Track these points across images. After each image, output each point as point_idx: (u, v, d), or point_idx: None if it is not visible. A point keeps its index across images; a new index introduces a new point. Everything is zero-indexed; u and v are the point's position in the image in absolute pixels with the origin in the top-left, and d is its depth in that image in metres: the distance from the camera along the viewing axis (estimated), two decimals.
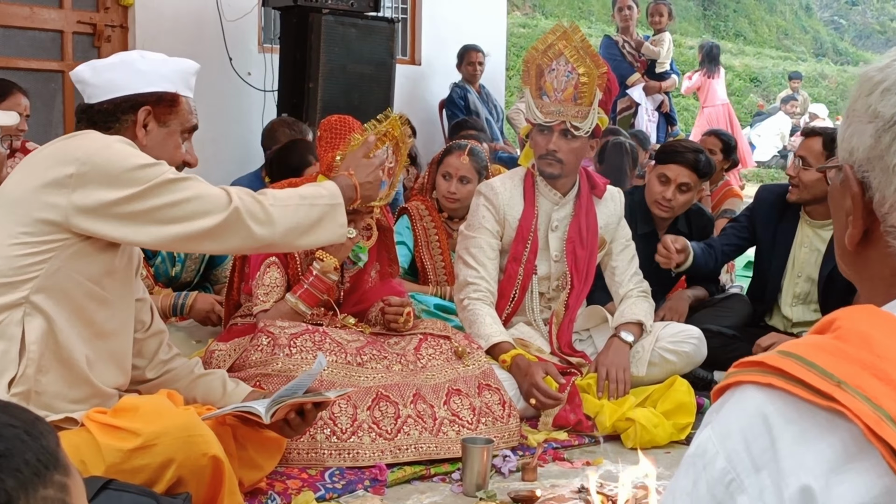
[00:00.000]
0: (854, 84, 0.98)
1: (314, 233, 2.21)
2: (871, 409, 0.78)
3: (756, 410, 0.83)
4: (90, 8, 5.52)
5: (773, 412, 0.82)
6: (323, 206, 2.21)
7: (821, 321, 0.91)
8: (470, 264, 3.27)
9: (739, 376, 0.87)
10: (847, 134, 0.95)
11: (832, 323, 0.89)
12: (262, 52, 6.02)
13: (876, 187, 0.91)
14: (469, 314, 3.21)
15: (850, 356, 0.83)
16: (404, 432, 2.72)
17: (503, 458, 2.75)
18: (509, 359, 3.06)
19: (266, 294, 2.97)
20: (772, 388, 0.83)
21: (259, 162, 5.86)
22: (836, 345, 0.85)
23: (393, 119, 2.90)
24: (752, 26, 19.37)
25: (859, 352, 0.83)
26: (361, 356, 2.86)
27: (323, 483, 2.53)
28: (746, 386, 0.86)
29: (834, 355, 0.84)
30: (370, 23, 5.72)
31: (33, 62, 5.32)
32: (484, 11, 7.53)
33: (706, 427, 0.87)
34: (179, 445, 1.94)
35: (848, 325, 0.87)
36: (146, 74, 2.16)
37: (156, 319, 2.39)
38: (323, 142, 2.99)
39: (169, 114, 2.19)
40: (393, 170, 2.98)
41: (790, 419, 0.82)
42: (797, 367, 0.83)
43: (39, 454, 0.78)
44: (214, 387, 2.35)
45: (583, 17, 16.74)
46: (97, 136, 2.08)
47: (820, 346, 0.85)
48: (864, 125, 0.93)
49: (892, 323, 0.87)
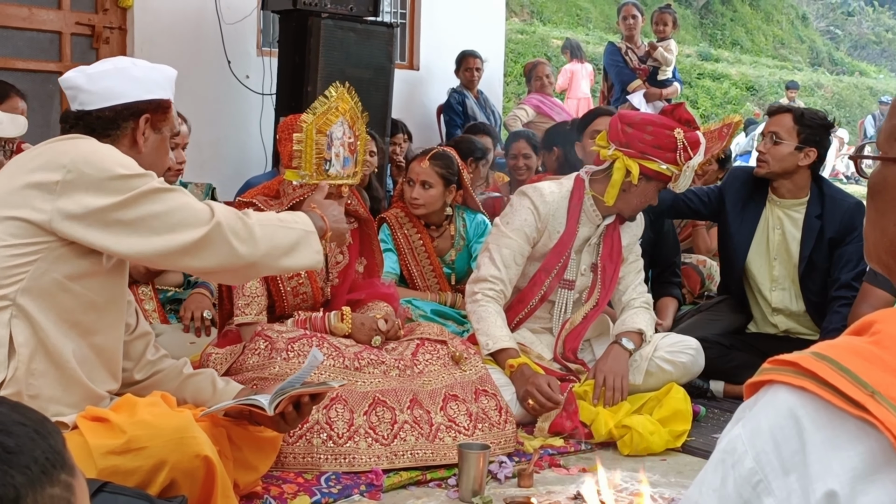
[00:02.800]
0: None
1: (292, 256, 2.20)
2: None
3: (788, 412, 0.82)
4: (89, 9, 5.52)
5: (804, 415, 0.81)
6: (299, 231, 2.22)
7: (860, 322, 0.89)
8: (496, 262, 3.25)
9: (773, 374, 0.86)
10: None
11: (871, 325, 0.87)
12: (261, 55, 6.02)
13: None
14: (480, 309, 3.20)
15: (886, 364, 0.82)
16: (401, 438, 2.71)
17: (499, 464, 2.74)
18: (516, 364, 3.06)
19: (246, 305, 2.97)
20: (804, 391, 0.82)
21: (256, 163, 5.87)
22: (872, 351, 0.83)
23: (341, 92, 2.86)
24: (748, 35, 19.43)
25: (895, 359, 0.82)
26: (359, 360, 2.85)
27: (319, 488, 2.52)
28: (779, 386, 0.84)
29: (870, 361, 0.82)
30: (369, 27, 5.72)
31: (31, 63, 5.31)
32: (482, 17, 7.54)
33: (737, 423, 0.86)
34: (172, 447, 1.93)
35: (888, 329, 0.85)
36: (143, 82, 2.18)
37: (141, 321, 2.40)
38: (281, 140, 3.03)
39: (163, 120, 2.22)
40: (354, 145, 2.93)
41: (821, 424, 0.81)
42: (831, 373, 0.81)
43: (48, 453, 0.78)
44: (204, 387, 2.35)
45: (580, 24, 16.78)
46: (86, 142, 2.08)
47: (856, 351, 0.84)
48: None
49: None
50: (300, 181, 2.87)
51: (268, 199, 3.08)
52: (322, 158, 2.82)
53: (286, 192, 3.07)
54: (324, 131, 2.81)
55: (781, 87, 15.56)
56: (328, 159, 2.83)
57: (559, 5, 17.10)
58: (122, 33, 5.54)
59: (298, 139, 2.79)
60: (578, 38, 15.50)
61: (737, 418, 0.88)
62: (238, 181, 4.92)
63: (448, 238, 3.93)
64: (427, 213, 3.83)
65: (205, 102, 5.71)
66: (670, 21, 7.34)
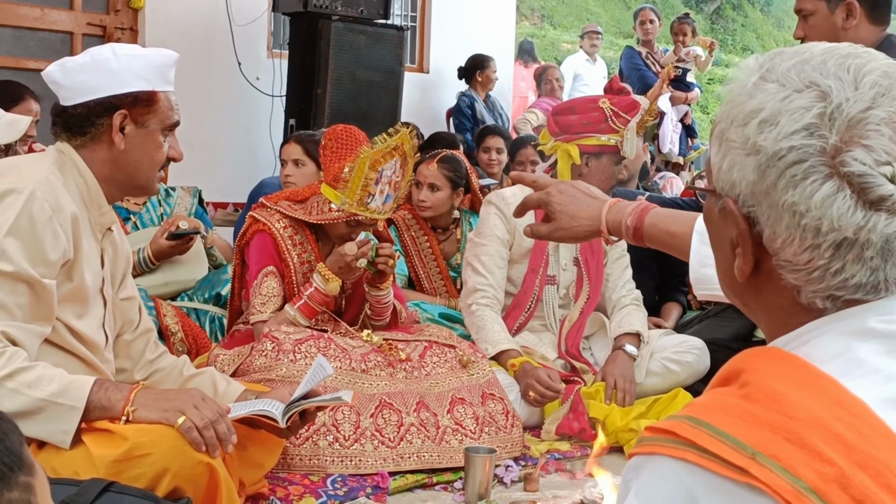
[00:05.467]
0: (722, 106, 0.93)
1: (25, 424, 1.83)
2: (788, 482, 0.76)
3: (679, 485, 0.81)
4: (100, 10, 5.54)
5: (695, 486, 0.80)
6: (39, 401, 1.86)
7: (726, 369, 0.88)
8: (479, 271, 3.31)
9: (653, 446, 0.84)
10: (725, 165, 0.91)
11: (739, 374, 0.86)
12: (271, 57, 6.03)
13: (765, 223, 0.88)
14: (477, 319, 3.24)
15: (760, 420, 0.80)
16: (407, 440, 2.71)
17: (505, 467, 2.74)
18: (518, 363, 3.08)
19: (263, 304, 2.97)
20: (689, 463, 0.81)
21: (266, 165, 5.88)
22: (745, 407, 0.82)
23: (403, 133, 2.89)
24: (759, 41, 19.38)
25: (769, 413, 0.80)
26: (366, 363, 2.85)
27: (325, 489, 2.52)
28: (662, 457, 0.83)
29: (744, 420, 0.80)
30: (379, 30, 5.73)
31: (42, 63, 5.27)
32: (493, 20, 7.54)
33: (632, 492, 0.85)
34: (175, 454, 1.90)
35: (755, 379, 0.84)
36: (119, 74, 2.04)
37: (143, 317, 2.36)
38: (328, 151, 2.97)
39: (147, 114, 2.08)
40: (399, 184, 2.97)
41: (711, 492, 0.79)
42: (709, 439, 0.80)
43: (4, 456, 0.75)
44: (205, 387, 2.30)
45: None
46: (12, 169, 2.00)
47: (729, 410, 0.82)
48: (742, 157, 0.88)
49: (799, 370, 0.84)
50: (340, 206, 2.90)
51: (292, 205, 3.08)
52: (367, 192, 2.85)
53: (320, 207, 3.02)
54: (376, 168, 2.84)
55: None
56: (372, 194, 2.87)
57: (569, 9, 17.09)
58: (133, 34, 5.56)
59: (350, 167, 2.82)
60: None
61: (626, 481, 0.87)
62: (247, 183, 4.92)
63: (455, 241, 3.93)
64: (434, 215, 3.84)
65: (215, 104, 5.73)
66: (689, 31, 7.35)
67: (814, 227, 0.84)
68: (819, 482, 0.75)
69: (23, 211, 1.92)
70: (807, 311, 0.89)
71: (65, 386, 1.89)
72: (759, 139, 0.86)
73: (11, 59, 5.22)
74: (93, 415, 1.91)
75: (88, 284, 2.08)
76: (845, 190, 0.83)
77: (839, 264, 0.85)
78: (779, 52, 0.92)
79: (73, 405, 1.88)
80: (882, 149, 0.83)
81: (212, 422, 1.95)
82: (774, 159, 0.85)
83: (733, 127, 0.89)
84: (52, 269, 1.96)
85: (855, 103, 0.84)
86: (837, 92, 0.84)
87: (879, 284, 0.86)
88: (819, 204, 0.83)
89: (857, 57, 0.87)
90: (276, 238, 3.01)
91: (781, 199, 0.85)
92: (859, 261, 0.85)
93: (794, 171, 0.84)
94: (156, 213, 3.63)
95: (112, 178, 2.11)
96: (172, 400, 1.97)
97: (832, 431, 0.78)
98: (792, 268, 0.88)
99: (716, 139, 0.93)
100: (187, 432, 1.92)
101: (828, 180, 0.83)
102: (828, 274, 0.86)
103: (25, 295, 1.92)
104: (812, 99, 0.85)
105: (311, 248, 3.08)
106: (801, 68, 0.87)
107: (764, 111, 0.86)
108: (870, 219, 0.83)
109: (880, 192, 0.83)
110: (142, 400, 1.95)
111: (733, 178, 0.89)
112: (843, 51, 0.88)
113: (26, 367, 1.87)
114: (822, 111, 0.84)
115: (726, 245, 0.93)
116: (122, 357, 2.30)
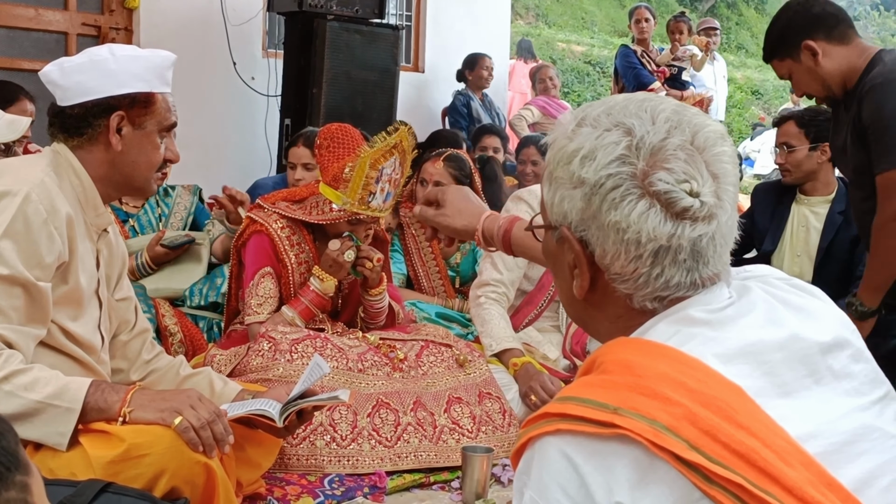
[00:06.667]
0: (549, 152, 1.09)
1: (22, 427, 1.85)
2: (647, 425, 0.90)
3: (559, 455, 0.93)
4: (95, 10, 5.53)
5: (572, 452, 0.92)
6: (36, 404, 1.86)
7: (585, 363, 1.03)
8: (497, 267, 3.31)
9: (530, 433, 0.97)
10: (556, 199, 1.06)
11: (594, 362, 1.01)
12: (267, 56, 6.02)
13: (595, 243, 1.04)
14: (484, 312, 3.24)
15: (617, 384, 0.95)
16: (404, 440, 2.71)
17: (503, 466, 2.74)
18: (520, 363, 3.09)
19: (259, 305, 2.97)
20: (562, 433, 0.93)
21: (261, 165, 5.87)
22: (602, 378, 0.97)
23: (402, 131, 2.90)
24: (753, 39, 19.40)
25: (623, 377, 0.95)
26: (363, 362, 2.85)
27: (322, 489, 2.52)
28: (542, 439, 0.95)
29: (603, 387, 0.95)
30: (374, 30, 5.72)
31: (37, 63, 5.29)
32: (488, 20, 7.54)
33: (525, 490, 0.96)
34: (172, 454, 1.90)
35: (608, 358, 0.99)
36: (117, 75, 2.04)
37: (140, 318, 2.36)
38: (325, 151, 2.97)
39: (144, 115, 2.07)
40: (398, 181, 2.98)
41: (588, 454, 0.91)
42: (576, 407, 0.94)
43: (1, 456, 0.75)
44: (202, 387, 2.30)
45: (585, 28, 16.77)
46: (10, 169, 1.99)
47: (589, 383, 0.97)
48: (570, 191, 1.04)
49: (643, 345, 1.00)
50: (341, 206, 2.90)
51: (290, 206, 3.08)
52: (368, 191, 2.86)
53: (320, 206, 3.02)
54: (377, 167, 2.84)
55: (786, 92, 15.49)
56: (373, 192, 2.88)
57: (564, 8, 17.10)
58: (128, 34, 5.55)
59: (351, 166, 2.83)
60: (584, 41, 15.50)
61: (520, 486, 0.97)
62: (242, 182, 4.91)
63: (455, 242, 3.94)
64: None
65: (210, 103, 5.72)
66: (685, 29, 7.35)
67: (635, 240, 1.00)
68: (672, 420, 0.90)
69: (18, 213, 1.92)
70: (641, 314, 1.05)
71: (61, 388, 1.89)
72: (581, 172, 1.02)
73: (6, 60, 5.21)
74: (90, 416, 1.91)
75: (83, 286, 2.07)
76: (656, 206, 1.00)
77: (659, 269, 1.02)
78: (589, 104, 1.09)
79: (70, 407, 1.88)
80: (680, 170, 1.00)
81: (209, 422, 1.95)
82: (597, 187, 1.01)
83: (560, 166, 1.05)
84: (48, 272, 1.96)
85: (654, 135, 1.01)
86: (639, 127, 1.02)
87: (696, 281, 1.03)
88: (636, 220, 1.00)
89: (652, 100, 1.06)
90: (273, 239, 3.01)
91: (606, 219, 1.01)
92: (675, 264, 1.02)
93: (614, 195, 1.01)
94: (154, 215, 3.63)
95: (108, 179, 2.10)
96: (169, 400, 1.97)
97: (676, 381, 0.93)
98: (622, 279, 1.04)
99: (546, 180, 1.09)
100: (184, 433, 1.91)
101: (641, 199, 1.00)
102: (651, 279, 1.02)
103: (21, 298, 1.92)
104: (620, 135, 1.02)
105: (309, 249, 3.08)
106: (609, 112, 1.05)
107: (583, 149, 1.03)
108: (678, 227, 1.00)
109: (683, 205, 1.00)
110: (138, 401, 1.95)
111: (564, 209, 1.05)
112: (640, 97, 1.07)
113: (22, 369, 1.87)
114: (630, 143, 1.01)
115: (565, 270, 1.09)
116: (118, 358, 2.29)
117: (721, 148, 1.03)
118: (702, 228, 1.01)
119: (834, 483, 0.92)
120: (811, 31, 2.83)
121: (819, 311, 1.06)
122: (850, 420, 0.98)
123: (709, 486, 0.87)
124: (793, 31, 2.86)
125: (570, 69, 14.08)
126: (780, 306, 1.04)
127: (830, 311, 1.08)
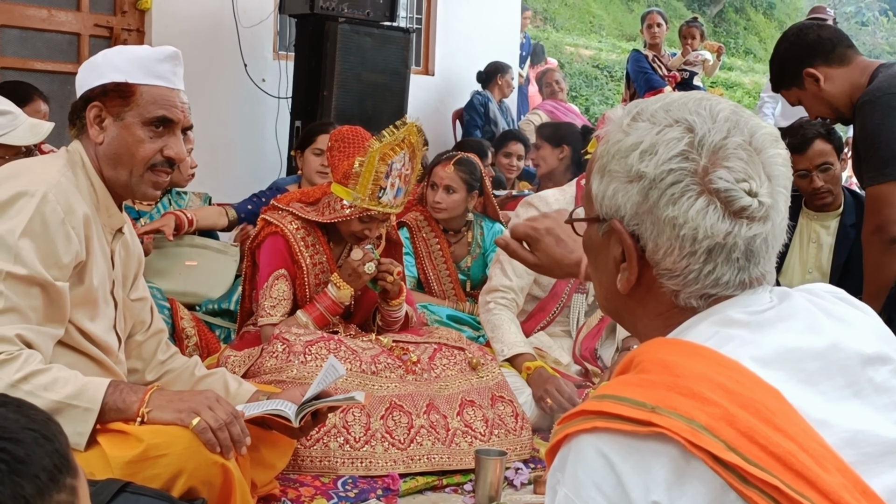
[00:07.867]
0: (600, 146, 1.09)
1: None
2: (685, 424, 0.90)
3: (595, 453, 0.93)
4: (107, 11, 5.54)
5: (609, 450, 0.92)
6: (55, 404, 1.86)
7: (623, 362, 1.03)
8: (507, 273, 3.31)
9: (567, 430, 0.97)
10: (609, 192, 1.07)
11: (632, 361, 1.02)
12: (277, 58, 6.03)
13: (648, 237, 1.04)
14: (494, 318, 3.25)
15: (655, 383, 0.95)
16: (417, 442, 2.71)
17: (515, 470, 2.74)
18: (533, 367, 3.09)
19: (273, 307, 2.97)
20: (599, 431, 0.93)
21: (271, 167, 5.88)
22: (640, 377, 0.98)
23: (410, 126, 2.92)
24: (762, 44, 19.38)
25: (662, 377, 0.95)
26: (376, 365, 2.85)
27: (336, 491, 2.52)
28: (578, 437, 0.95)
29: (641, 386, 0.96)
30: (385, 32, 5.73)
31: (49, 64, 5.33)
32: (498, 23, 7.55)
33: (559, 488, 0.96)
34: (190, 454, 1.90)
35: (646, 357, 1.00)
36: (98, 68, 2.07)
37: (156, 318, 2.37)
38: (336, 151, 2.99)
39: (122, 106, 2.03)
40: (409, 177, 2.99)
41: (625, 453, 0.92)
42: (613, 405, 0.94)
43: (55, 458, 0.77)
44: (217, 388, 2.30)
45: (593, 32, 16.77)
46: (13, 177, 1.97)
47: (627, 382, 0.98)
48: (626, 184, 1.04)
49: (682, 345, 1.01)
50: (352, 202, 2.91)
51: (304, 207, 3.09)
52: (379, 186, 2.87)
53: (332, 206, 3.02)
54: (386, 161, 2.86)
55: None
56: (384, 188, 2.89)
57: (572, 12, 17.10)
58: (139, 35, 5.56)
59: (360, 162, 2.84)
60: (592, 45, 15.50)
61: (554, 482, 0.98)
62: (252, 184, 4.92)
63: (465, 245, 3.94)
64: (448, 217, 3.85)
65: (220, 105, 5.73)
66: (698, 34, 7.36)
67: (691, 237, 1.01)
68: (710, 420, 0.90)
69: (35, 213, 1.92)
70: (682, 312, 1.05)
71: (80, 388, 1.90)
72: (641, 166, 1.03)
73: (19, 60, 5.22)
74: (108, 416, 1.92)
75: (98, 286, 2.08)
76: (714, 203, 1.01)
77: (711, 266, 1.03)
78: (641, 100, 1.10)
79: (89, 407, 1.89)
80: (740, 169, 1.01)
81: (226, 423, 1.95)
82: (656, 182, 1.02)
83: (616, 160, 1.05)
84: (65, 272, 1.97)
85: (715, 133, 1.02)
86: (700, 125, 1.02)
87: (745, 281, 1.04)
88: (694, 216, 1.01)
89: (709, 99, 1.06)
90: (288, 240, 3.02)
91: (663, 214, 1.02)
92: (728, 262, 1.03)
93: (673, 190, 1.01)
94: None
95: (102, 175, 2.10)
96: (187, 401, 1.98)
97: (714, 382, 0.93)
98: (671, 275, 1.04)
99: (597, 173, 1.08)
100: (202, 433, 1.92)
101: (700, 196, 1.01)
102: (701, 276, 1.03)
103: (39, 298, 1.92)
104: (681, 131, 1.02)
105: (323, 250, 3.08)
106: (668, 108, 1.05)
107: (643, 143, 1.03)
108: (734, 226, 1.01)
109: (741, 204, 1.01)
110: (157, 401, 1.96)
111: (618, 203, 1.05)
112: (698, 95, 1.07)
113: (42, 369, 1.88)
114: (691, 140, 1.02)
115: (609, 263, 1.09)
116: (133, 358, 2.30)
117: (776, 150, 1.05)
118: (757, 228, 1.02)
119: (868, 490, 0.92)
120: (810, 59, 2.88)
121: (862, 323, 1.07)
122: (887, 432, 0.98)
123: (745, 487, 0.88)
124: (793, 62, 2.92)
125: (577, 73, 14.09)
126: (822, 315, 1.04)
127: (874, 325, 1.08)
